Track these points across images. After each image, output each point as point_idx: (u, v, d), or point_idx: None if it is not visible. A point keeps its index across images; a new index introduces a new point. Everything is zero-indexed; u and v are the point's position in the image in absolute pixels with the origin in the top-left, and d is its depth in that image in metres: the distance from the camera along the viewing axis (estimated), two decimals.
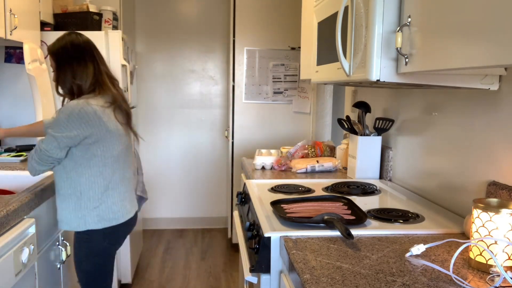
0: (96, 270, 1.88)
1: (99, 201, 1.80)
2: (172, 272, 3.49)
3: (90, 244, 1.83)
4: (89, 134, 1.72)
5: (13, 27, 2.17)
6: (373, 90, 2.42)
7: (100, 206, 1.80)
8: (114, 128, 1.79)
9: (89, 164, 1.77)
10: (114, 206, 1.83)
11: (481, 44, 0.86)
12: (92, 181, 1.78)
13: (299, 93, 3.85)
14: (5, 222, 1.46)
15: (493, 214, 1.06)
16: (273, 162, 2.39)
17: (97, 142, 1.75)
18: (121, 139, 1.84)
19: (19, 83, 2.73)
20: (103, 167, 1.79)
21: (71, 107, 1.71)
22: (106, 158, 1.79)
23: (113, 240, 1.88)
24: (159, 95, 4.40)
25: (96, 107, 1.74)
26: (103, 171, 1.79)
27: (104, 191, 1.80)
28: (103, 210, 1.80)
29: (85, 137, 1.72)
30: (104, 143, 1.77)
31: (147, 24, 4.30)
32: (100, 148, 1.76)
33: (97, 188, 1.79)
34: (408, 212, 1.57)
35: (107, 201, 1.81)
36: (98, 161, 1.77)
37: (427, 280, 1.03)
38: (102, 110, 1.76)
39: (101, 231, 1.82)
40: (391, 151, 2.13)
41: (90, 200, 1.79)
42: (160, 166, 4.47)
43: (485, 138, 1.42)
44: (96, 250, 1.85)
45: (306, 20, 2.51)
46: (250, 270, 1.43)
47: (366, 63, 1.26)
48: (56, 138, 1.69)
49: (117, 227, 1.85)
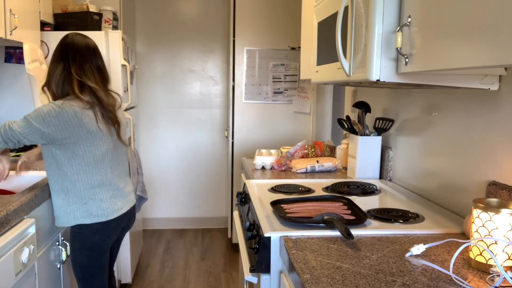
0: (91, 264, 1.92)
1: (86, 198, 1.83)
2: (172, 272, 3.49)
3: (82, 238, 1.88)
4: (67, 135, 1.74)
5: (13, 27, 2.17)
6: (373, 90, 2.42)
7: (88, 202, 1.83)
8: (95, 129, 1.80)
9: (71, 163, 1.80)
10: (102, 203, 1.86)
11: (481, 44, 0.86)
12: (76, 179, 1.81)
13: (299, 93, 3.85)
14: (5, 222, 1.46)
15: (493, 214, 1.06)
16: (273, 162, 2.39)
17: (77, 142, 1.77)
18: (105, 139, 1.85)
19: (19, 83, 2.73)
20: (86, 166, 1.81)
21: (54, 104, 1.73)
22: (88, 158, 1.81)
23: (104, 235, 1.91)
24: (159, 95, 4.40)
25: (77, 108, 1.75)
26: (87, 170, 1.82)
27: (90, 188, 1.83)
28: (91, 206, 1.84)
29: (63, 138, 1.74)
30: (85, 143, 1.78)
31: (147, 24, 4.30)
32: (81, 148, 1.78)
33: (82, 186, 1.82)
34: (408, 212, 1.57)
35: (95, 198, 1.85)
36: (80, 161, 1.80)
37: (427, 280, 1.03)
38: (82, 111, 1.76)
39: (91, 226, 1.86)
40: (391, 151, 2.13)
41: (77, 196, 1.83)
42: (160, 166, 4.47)
43: (485, 138, 1.42)
44: (88, 244, 1.89)
45: (306, 20, 2.51)
46: (250, 270, 1.43)
47: (366, 63, 1.26)
48: (32, 126, 1.71)
49: (107, 223, 1.88)
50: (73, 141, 1.76)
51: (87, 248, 1.90)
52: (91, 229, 1.86)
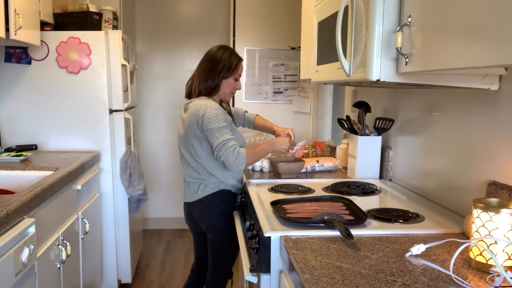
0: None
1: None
2: (172, 272, 3.49)
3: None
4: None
5: (17, 27, 2.17)
6: (373, 90, 2.42)
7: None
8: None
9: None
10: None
11: (481, 44, 0.86)
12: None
13: (299, 93, 3.85)
14: (5, 222, 1.46)
15: (493, 214, 1.06)
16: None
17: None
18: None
19: (19, 83, 2.73)
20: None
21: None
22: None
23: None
24: (159, 95, 4.40)
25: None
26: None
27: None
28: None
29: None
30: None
31: (147, 24, 4.30)
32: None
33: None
34: (408, 212, 1.57)
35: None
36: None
37: (427, 280, 1.03)
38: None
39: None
40: (391, 151, 2.13)
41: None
42: (160, 166, 4.47)
43: (485, 138, 1.42)
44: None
45: (306, 20, 2.51)
46: (250, 270, 1.43)
47: (366, 63, 1.26)
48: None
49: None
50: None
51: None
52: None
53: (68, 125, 2.80)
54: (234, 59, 2.07)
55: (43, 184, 1.88)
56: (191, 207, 2.15)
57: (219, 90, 2.10)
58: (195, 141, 2.03)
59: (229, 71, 2.06)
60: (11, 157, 2.41)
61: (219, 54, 2.06)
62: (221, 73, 2.05)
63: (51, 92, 2.76)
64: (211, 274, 2.18)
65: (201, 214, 2.11)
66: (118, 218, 2.97)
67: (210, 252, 2.16)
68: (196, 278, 2.34)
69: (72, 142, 2.82)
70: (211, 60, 2.06)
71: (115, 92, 2.85)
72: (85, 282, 2.43)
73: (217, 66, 2.05)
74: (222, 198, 2.09)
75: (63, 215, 2.10)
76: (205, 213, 2.10)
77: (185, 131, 2.06)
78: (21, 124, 2.78)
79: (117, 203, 2.95)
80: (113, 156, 2.89)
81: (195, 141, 2.03)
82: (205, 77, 2.06)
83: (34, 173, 2.21)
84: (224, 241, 2.12)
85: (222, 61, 2.05)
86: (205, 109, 1.96)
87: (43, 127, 2.79)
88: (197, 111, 1.98)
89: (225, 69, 2.05)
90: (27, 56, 2.71)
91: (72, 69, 2.75)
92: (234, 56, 2.09)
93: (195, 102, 2.04)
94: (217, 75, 2.05)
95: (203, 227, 2.14)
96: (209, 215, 2.10)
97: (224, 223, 2.09)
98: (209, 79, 2.06)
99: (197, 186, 2.10)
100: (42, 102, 2.76)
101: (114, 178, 2.90)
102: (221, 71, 2.05)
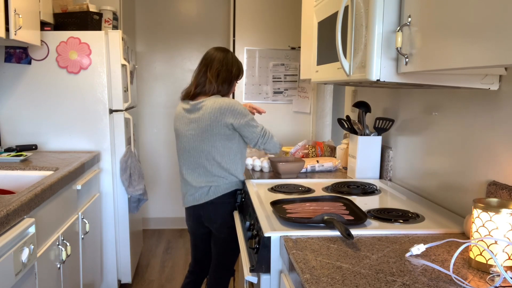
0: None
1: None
2: (172, 272, 3.49)
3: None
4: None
5: (17, 27, 2.17)
6: (373, 90, 2.42)
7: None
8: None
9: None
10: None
11: (481, 44, 0.86)
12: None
13: (299, 93, 3.85)
14: (5, 222, 1.46)
15: (493, 214, 1.06)
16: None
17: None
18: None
19: (19, 83, 2.73)
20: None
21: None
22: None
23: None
24: (159, 95, 4.40)
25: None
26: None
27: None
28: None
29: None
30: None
31: (147, 24, 4.30)
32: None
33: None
34: (408, 212, 1.57)
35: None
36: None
37: (427, 280, 1.03)
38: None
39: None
40: (391, 151, 2.13)
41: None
42: (160, 166, 4.47)
43: (485, 138, 1.42)
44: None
45: (306, 20, 2.51)
46: (250, 270, 1.43)
47: (366, 63, 1.26)
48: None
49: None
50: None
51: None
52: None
53: (68, 125, 2.80)
54: (240, 62, 2.23)
55: (43, 184, 1.88)
56: (200, 209, 2.15)
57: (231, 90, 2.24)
58: (218, 139, 2.04)
59: (239, 73, 2.21)
60: (11, 157, 2.42)
61: (229, 57, 2.17)
62: (236, 76, 2.20)
63: (51, 92, 2.76)
64: (216, 273, 2.18)
65: (214, 215, 2.12)
66: (118, 218, 2.97)
67: (216, 251, 2.17)
68: (193, 279, 2.34)
69: (72, 142, 2.82)
70: (224, 63, 2.15)
71: (115, 92, 2.85)
72: (85, 282, 2.43)
73: (232, 69, 2.17)
74: (233, 197, 2.14)
75: (63, 215, 2.10)
76: (218, 214, 2.11)
77: (202, 131, 2.05)
78: (21, 124, 2.78)
79: (117, 203, 2.95)
80: (113, 156, 2.89)
81: (218, 139, 2.04)
82: (223, 79, 2.15)
83: (34, 173, 2.21)
84: (231, 239, 2.14)
85: (235, 64, 2.18)
86: (232, 104, 2.03)
87: (43, 127, 2.79)
88: (221, 108, 2.02)
89: (237, 72, 2.20)
90: (27, 56, 2.71)
91: (72, 69, 2.75)
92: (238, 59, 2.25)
93: (213, 100, 2.05)
94: (233, 77, 2.18)
95: (215, 227, 2.14)
96: (223, 215, 2.11)
97: (234, 221, 2.12)
98: (226, 81, 2.15)
99: (207, 189, 2.10)
100: (42, 102, 2.77)
101: (114, 178, 2.91)
102: (235, 74, 2.19)
